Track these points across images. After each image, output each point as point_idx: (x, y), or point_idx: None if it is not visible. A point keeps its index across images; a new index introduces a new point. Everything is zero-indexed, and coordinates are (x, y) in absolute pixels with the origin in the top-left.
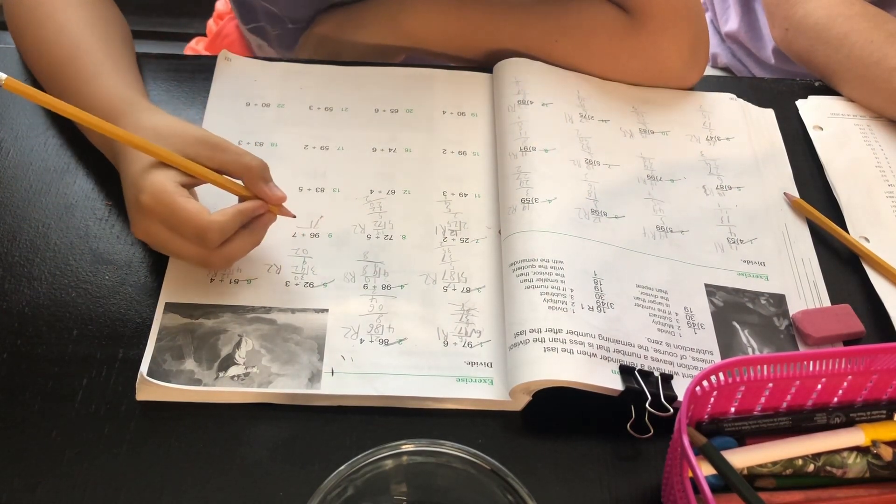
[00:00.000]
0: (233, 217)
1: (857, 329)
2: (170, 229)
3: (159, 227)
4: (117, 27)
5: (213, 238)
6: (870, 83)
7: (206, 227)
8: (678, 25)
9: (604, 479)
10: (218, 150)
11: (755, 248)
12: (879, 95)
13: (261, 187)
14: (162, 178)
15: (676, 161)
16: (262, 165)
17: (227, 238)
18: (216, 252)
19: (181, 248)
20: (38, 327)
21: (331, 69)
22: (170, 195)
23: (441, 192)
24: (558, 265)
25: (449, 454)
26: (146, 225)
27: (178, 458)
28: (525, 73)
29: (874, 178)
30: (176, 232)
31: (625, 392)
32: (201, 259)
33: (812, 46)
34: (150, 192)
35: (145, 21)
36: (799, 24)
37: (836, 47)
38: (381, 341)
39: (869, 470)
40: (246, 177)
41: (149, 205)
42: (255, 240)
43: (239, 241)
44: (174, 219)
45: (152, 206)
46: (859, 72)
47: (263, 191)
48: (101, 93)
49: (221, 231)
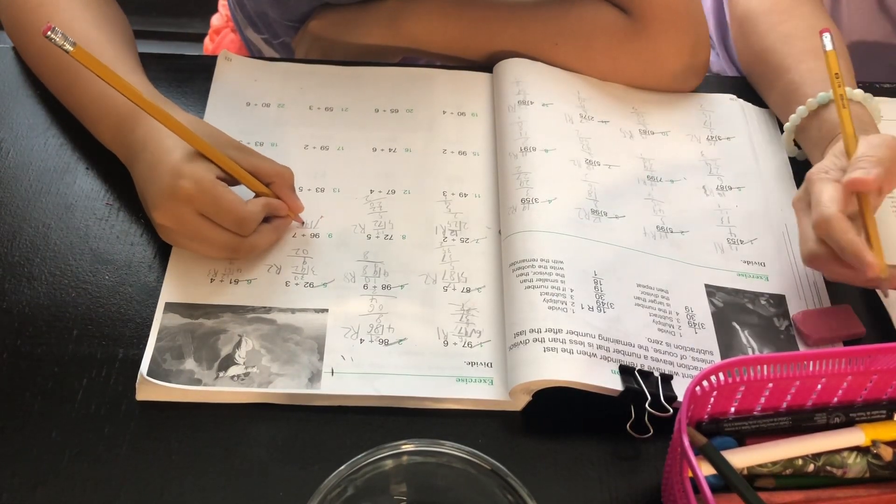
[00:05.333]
0: (262, 209)
1: (857, 329)
2: (204, 217)
3: (193, 214)
4: (121, 27)
5: (249, 226)
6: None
7: (246, 215)
8: (679, 29)
9: (604, 479)
10: (251, 154)
11: (755, 249)
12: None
13: (289, 193)
14: (204, 168)
15: (676, 161)
16: (292, 174)
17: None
18: (245, 241)
19: (214, 235)
20: (38, 327)
21: (331, 69)
22: (215, 183)
23: (441, 192)
24: (558, 265)
25: (449, 454)
26: (180, 212)
27: (178, 458)
28: (525, 73)
29: None
30: (212, 220)
31: (624, 392)
32: (232, 247)
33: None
34: (192, 178)
35: (146, 21)
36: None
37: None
38: (381, 341)
39: (869, 470)
40: (277, 182)
41: (189, 192)
42: (278, 236)
43: (265, 233)
44: (215, 206)
45: (193, 193)
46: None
47: (291, 197)
48: None
49: (257, 220)
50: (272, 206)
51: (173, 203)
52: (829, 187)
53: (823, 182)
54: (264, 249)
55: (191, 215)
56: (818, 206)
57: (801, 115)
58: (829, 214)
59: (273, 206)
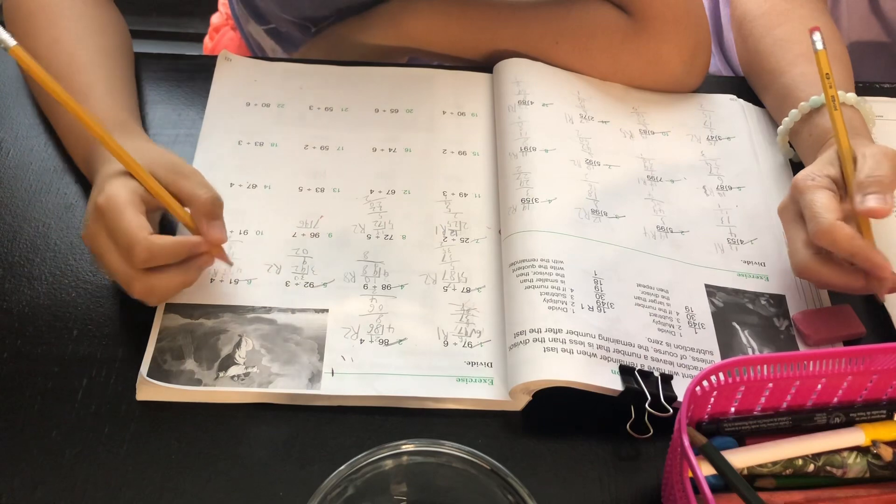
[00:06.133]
0: (170, 245)
1: (857, 329)
2: (109, 238)
3: (102, 233)
4: (115, 37)
5: (138, 255)
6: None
7: (135, 241)
8: (680, 29)
9: (604, 479)
10: (180, 176)
11: (755, 249)
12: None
13: (201, 221)
14: (121, 186)
15: (677, 161)
16: (213, 200)
17: (157, 267)
18: (141, 276)
19: (111, 260)
20: (38, 327)
21: (331, 69)
22: (121, 201)
23: (441, 192)
24: (558, 265)
25: (449, 454)
26: (93, 229)
27: (178, 458)
28: (525, 73)
29: None
30: (113, 242)
31: (624, 392)
32: (124, 278)
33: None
34: (106, 194)
35: (145, 21)
36: (731, 23)
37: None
38: (381, 341)
39: (869, 470)
40: (193, 206)
41: (101, 207)
42: (186, 279)
43: (168, 274)
44: (114, 224)
45: (103, 209)
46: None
47: (202, 225)
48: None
49: (150, 252)
50: (185, 244)
51: (90, 219)
52: (821, 195)
53: (813, 191)
54: (164, 293)
55: (100, 234)
56: (817, 218)
57: (794, 118)
58: (832, 224)
59: (186, 245)
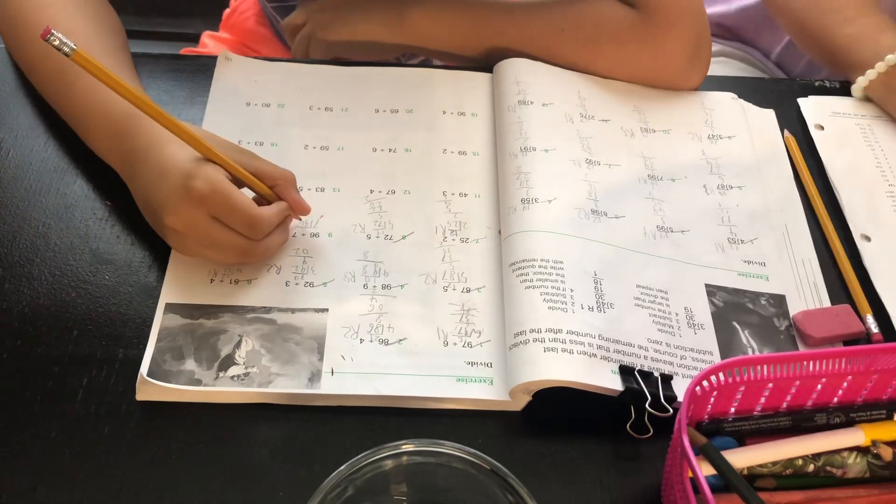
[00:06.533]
0: (276, 213)
1: (857, 329)
2: (216, 220)
3: (205, 217)
4: (116, 36)
5: (263, 228)
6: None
7: (259, 217)
8: (684, 22)
9: (604, 479)
10: (253, 158)
11: (755, 249)
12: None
13: (294, 194)
14: (214, 170)
15: (677, 160)
16: (294, 177)
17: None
18: (258, 244)
19: (226, 238)
20: (38, 327)
21: (331, 69)
22: (226, 184)
23: (441, 192)
24: (558, 265)
25: (449, 454)
26: (191, 213)
27: (178, 458)
28: (525, 73)
29: (875, 177)
30: (223, 222)
31: (624, 392)
32: (244, 250)
33: None
34: (205, 179)
35: (145, 21)
36: None
37: None
38: (381, 341)
39: (869, 470)
40: (282, 184)
41: (202, 192)
42: (284, 237)
43: (276, 236)
44: (227, 207)
45: (206, 193)
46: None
47: (296, 198)
48: (111, 97)
49: (270, 223)
50: (285, 209)
51: (186, 205)
52: None
53: None
54: (275, 252)
55: (203, 218)
56: None
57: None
58: None
59: (285, 209)
